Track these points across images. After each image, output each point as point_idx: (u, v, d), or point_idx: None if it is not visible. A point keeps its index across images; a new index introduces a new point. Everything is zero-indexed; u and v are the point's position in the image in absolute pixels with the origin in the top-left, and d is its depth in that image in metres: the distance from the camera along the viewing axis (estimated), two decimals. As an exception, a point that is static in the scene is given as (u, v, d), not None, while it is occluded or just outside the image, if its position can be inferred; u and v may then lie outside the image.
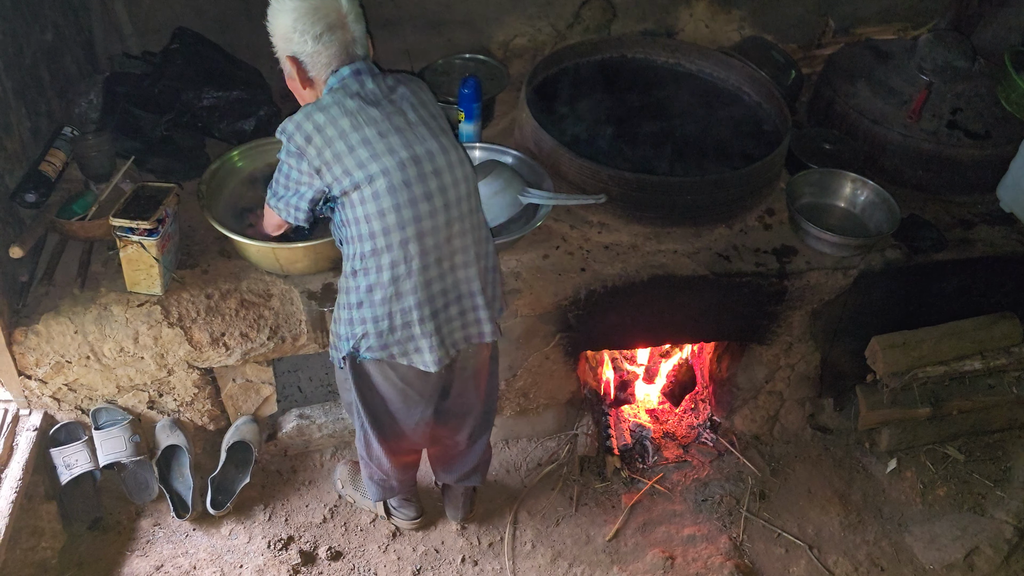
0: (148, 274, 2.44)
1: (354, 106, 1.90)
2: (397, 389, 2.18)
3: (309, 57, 1.93)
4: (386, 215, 1.91)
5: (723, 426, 3.18)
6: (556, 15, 3.44)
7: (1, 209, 2.42)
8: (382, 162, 1.88)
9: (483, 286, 2.10)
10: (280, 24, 1.92)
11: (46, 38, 2.74)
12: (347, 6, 1.92)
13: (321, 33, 1.89)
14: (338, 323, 2.12)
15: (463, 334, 2.12)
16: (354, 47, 1.96)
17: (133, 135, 2.80)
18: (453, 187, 1.98)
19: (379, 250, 1.94)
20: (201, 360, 2.57)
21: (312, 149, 1.89)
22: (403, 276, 1.97)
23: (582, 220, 2.83)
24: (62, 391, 2.56)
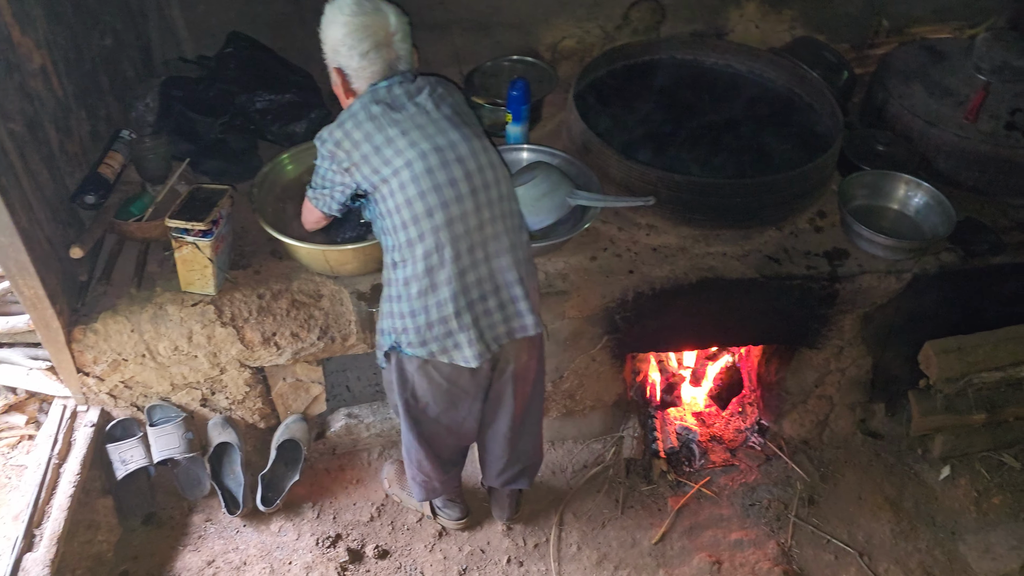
0: (202, 274, 2.48)
1: (378, 111, 2.01)
2: (441, 389, 2.18)
3: (354, 71, 2.06)
4: (413, 203, 1.97)
5: (771, 430, 3.14)
6: (605, 17, 3.43)
7: (62, 210, 2.48)
8: (404, 156, 1.98)
9: (520, 276, 2.11)
10: (331, 36, 2.05)
11: (105, 43, 2.80)
12: (395, 25, 2.04)
13: (368, 51, 2.01)
14: (381, 318, 2.18)
15: (505, 328, 2.12)
16: (397, 63, 2.08)
17: (188, 138, 2.85)
18: (479, 172, 2.03)
19: (412, 240, 2.00)
20: (253, 359, 2.61)
21: (341, 152, 2.03)
22: (436, 266, 2.00)
23: (630, 222, 2.82)
24: (118, 388, 2.62)
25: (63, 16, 2.51)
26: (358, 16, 1.99)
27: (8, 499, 2.73)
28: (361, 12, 1.99)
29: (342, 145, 2.01)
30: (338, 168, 2.05)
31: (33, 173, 2.31)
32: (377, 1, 2.03)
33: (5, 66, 2.20)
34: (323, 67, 3.05)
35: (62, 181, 2.51)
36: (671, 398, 3.22)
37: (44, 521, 2.36)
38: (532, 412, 2.44)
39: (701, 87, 3.23)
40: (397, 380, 2.19)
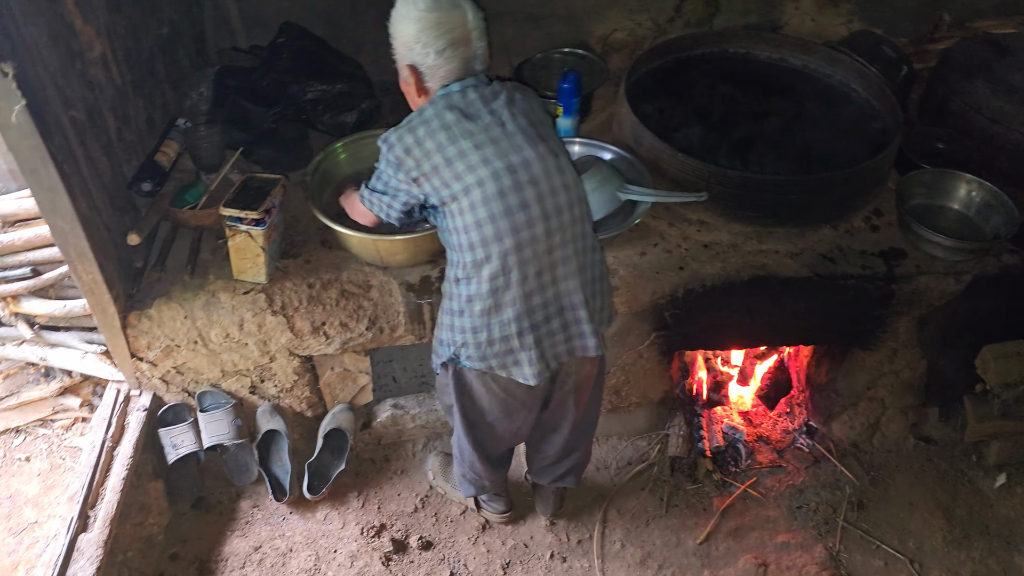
0: (254, 263, 2.50)
1: (452, 119, 1.90)
2: (498, 400, 2.16)
3: (428, 69, 1.94)
4: (483, 226, 1.89)
5: (820, 432, 3.09)
6: (657, 9, 3.39)
7: (119, 197, 2.52)
8: (477, 173, 1.87)
9: (586, 299, 2.03)
10: (403, 31, 1.92)
11: (163, 32, 2.83)
12: (473, 21, 1.91)
13: (444, 48, 1.90)
14: (440, 328, 2.12)
15: (566, 347, 2.07)
16: (473, 63, 1.96)
17: (242, 127, 2.88)
18: (551, 195, 1.93)
19: (479, 261, 1.93)
20: (302, 348, 2.63)
21: (410, 160, 1.91)
22: (502, 288, 1.94)
23: (681, 218, 2.79)
24: (170, 374, 2.66)
25: (123, 5, 2.54)
26: (434, 11, 1.87)
27: (62, 479, 2.80)
28: (437, 7, 1.88)
29: (412, 153, 1.90)
30: (405, 177, 1.93)
31: (92, 160, 2.34)
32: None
33: (68, 54, 2.23)
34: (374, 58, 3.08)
35: (119, 168, 2.55)
36: (718, 397, 3.18)
37: (98, 503, 2.40)
38: (589, 416, 2.42)
39: (754, 82, 3.17)
40: (455, 387, 2.16)
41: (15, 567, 2.57)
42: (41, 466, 2.83)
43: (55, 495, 2.75)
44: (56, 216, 2.18)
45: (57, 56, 2.17)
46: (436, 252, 2.62)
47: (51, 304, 2.64)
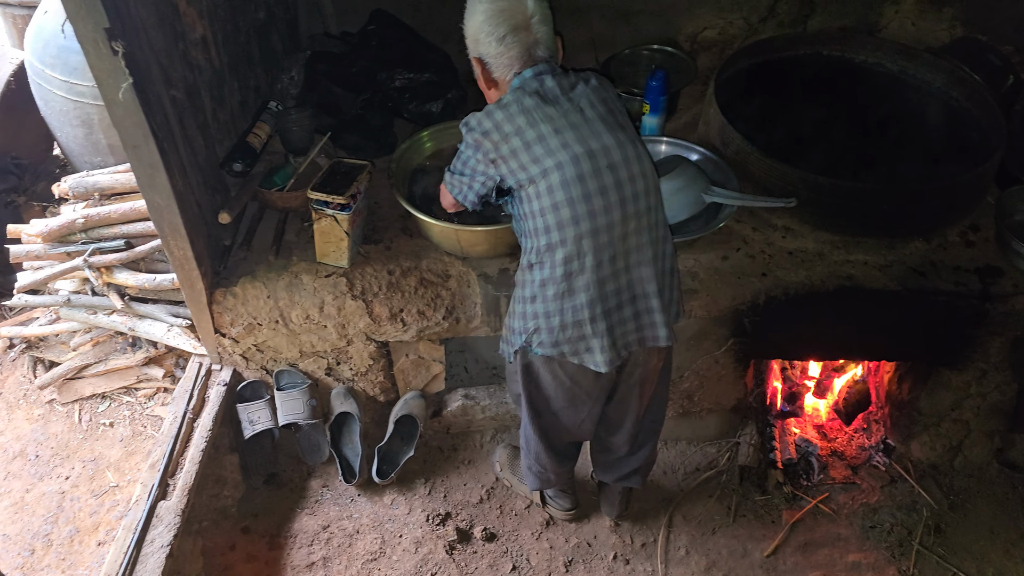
0: (338, 247, 2.54)
1: (531, 104, 1.92)
2: (565, 388, 2.16)
3: (493, 59, 1.99)
4: (560, 209, 1.90)
5: (898, 451, 2.99)
6: (750, 8, 3.32)
7: (211, 176, 2.57)
8: (556, 157, 1.89)
9: (660, 288, 2.03)
10: (471, 24, 1.99)
11: (259, 16, 2.89)
12: (533, 7, 1.94)
13: (504, 35, 1.93)
14: (512, 316, 2.13)
15: (637, 336, 2.06)
16: (536, 49, 1.97)
17: (330, 112, 2.92)
18: (630, 183, 1.94)
19: (553, 245, 1.94)
20: (379, 333, 2.66)
21: (488, 143, 1.94)
22: (576, 272, 1.95)
23: (766, 223, 2.73)
24: (251, 351, 2.71)
25: (225, -11, 2.60)
26: (496, 2, 1.92)
27: (143, 446, 2.89)
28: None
29: (490, 136, 1.93)
30: (483, 158, 1.97)
31: (189, 139, 2.40)
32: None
33: (172, 35, 2.29)
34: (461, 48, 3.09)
35: (213, 148, 2.61)
36: (793, 408, 3.11)
37: (178, 472, 2.47)
38: (654, 413, 2.40)
39: (849, 86, 3.08)
40: (523, 374, 2.18)
41: (96, 527, 2.66)
42: (123, 432, 2.93)
43: (135, 461, 2.85)
44: (153, 192, 2.24)
45: (162, 36, 2.23)
46: (515, 245, 2.59)
47: (142, 276, 2.72)
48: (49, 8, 2.89)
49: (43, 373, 3.01)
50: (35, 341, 3.02)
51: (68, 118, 2.94)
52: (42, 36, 2.89)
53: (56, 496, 2.75)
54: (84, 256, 2.69)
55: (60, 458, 2.86)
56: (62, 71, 2.84)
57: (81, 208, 2.76)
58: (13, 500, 2.74)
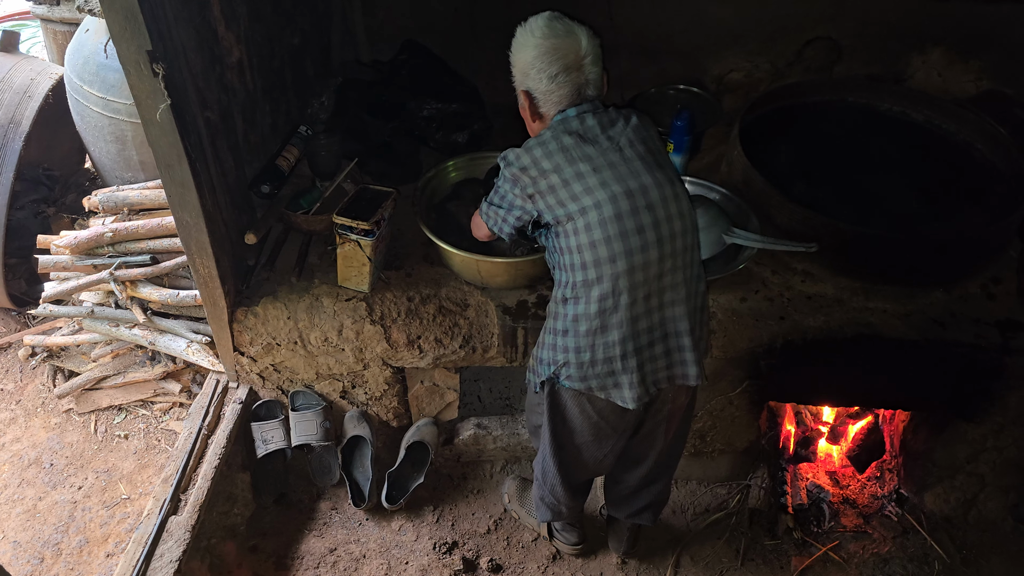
0: (359, 271, 2.57)
1: (570, 142, 1.94)
2: (591, 423, 2.16)
3: (542, 95, 2.01)
4: (597, 247, 1.92)
5: (911, 501, 2.97)
6: (777, 53, 3.35)
7: (239, 196, 2.62)
8: (594, 196, 1.91)
9: (692, 326, 2.04)
10: (521, 58, 2.01)
11: (294, 42, 2.95)
12: (586, 48, 1.96)
13: (556, 74, 1.96)
14: (541, 347, 2.14)
15: (667, 374, 2.07)
16: (586, 88, 2.00)
17: (358, 138, 2.97)
18: (667, 222, 1.95)
19: (589, 282, 1.95)
20: (395, 359, 2.67)
21: (526, 178, 1.96)
22: (610, 310, 1.95)
23: (785, 266, 2.73)
24: (268, 370, 2.74)
25: (263, 15, 2.65)
26: (549, 39, 1.94)
27: (155, 460, 2.91)
28: (552, 35, 1.95)
29: (528, 171, 1.95)
30: (520, 193, 1.98)
31: (220, 159, 2.45)
32: (570, 23, 1.99)
33: (210, 58, 2.34)
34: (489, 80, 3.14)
35: (243, 169, 2.65)
36: (806, 452, 3.09)
37: (190, 487, 2.49)
38: (674, 451, 2.40)
39: (873, 133, 3.09)
40: (548, 406, 2.18)
41: (106, 539, 2.68)
42: (138, 445, 2.96)
43: (148, 474, 2.87)
44: (183, 210, 2.28)
45: (200, 60, 2.28)
46: (535, 277, 2.65)
47: (165, 292, 2.76)
48: (91, 27, 2.96)
49: (62, 382, 3.05)
50: (57, 350, 3.06)
51: (102, 133, 3.00)
52: (82, 53, 2.96)
53: (68, 505, 2.77)
54: (110, 269, 2.73)
55: (74, 468, 2.88)
56: (100, 88, 2.90)
57: (110, 222, 2.81)
58: (26, 507, 2.77)
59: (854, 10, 3.15)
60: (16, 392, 3.12)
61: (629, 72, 3.35)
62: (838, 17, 3.21)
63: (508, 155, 2.01)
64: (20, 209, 3.21)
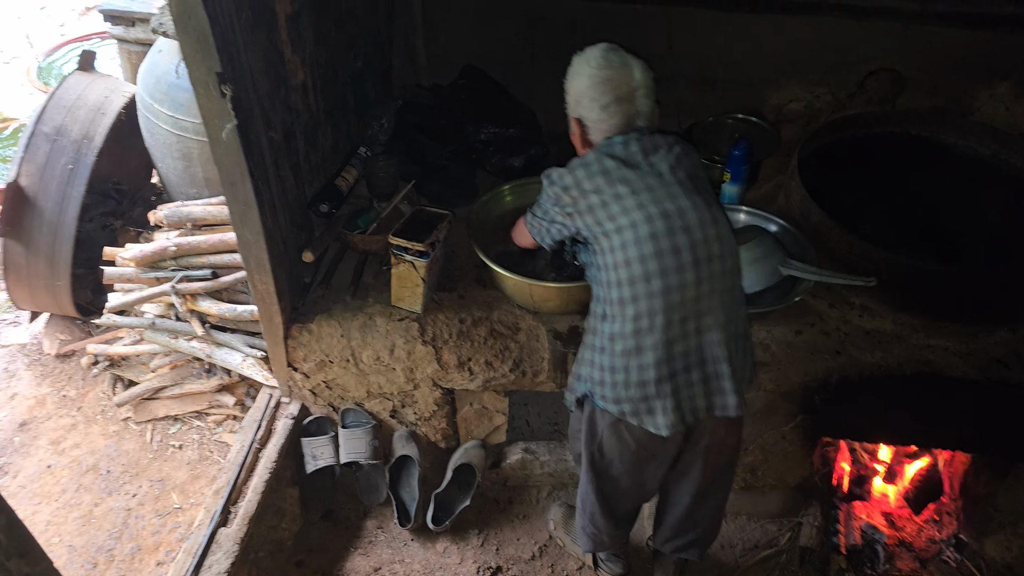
0: (413, 292, 2.59)
1: (612, 165, 1.98)
2: (630, 450, 2.13)
3: (592, 123, 2.07)
4: (631, 266, 1.93)
5: (970, 547, 2.86)
6: (838, 83, 3.31)
7: (298, 215, 2.67)
8: (631, 216, 1.94)
9: (730, 353, 2.00)
10: (575, 86, 2.07)
11: (356, 65, 3.01)
12: (640, 80, 2.02)
13: (608, 104, 2.01)
14: (579, 364, 2.15)
15: (705, 403, 2.03)
16: (637, 119, 2.05)
17: (416, 160, 3.01)
18: (704, 244, 1.95)
19: (625, 300, 1.96)
20: (446, 380, 2.69)
21: (567, 197, 2.02)
22: (645, 330, 1.95)
23: (843, 300, 2.68)
24: (320, 387, 2.77)
25: (327, 38, 2.71)
26: (604, 69, 2.00)
27: (207, 471, 2.96)
28: (607, 66, 2.00)
29: (570, 191, 2.00)
30: (560, 210, 2.04)
31: (281, 179, 2.50)
32: (625, 55, 2.03)
33: (275, 80, 2.40)
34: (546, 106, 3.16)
35: (302, 188, 2.70)
36: (860, 491, 3.01)
37: (240, 500, 2.52)
38: (719, 486, 2.33)
39: (936, 167, 3.03)
40: (586, 431, 2.17)
41: (157, 547, 2.73)
42: (191, 455, 3.01)
43: (199, 485, 2.92)
44: (245, 228, 2.34)
45: (266, 81, 2.34)
46: (586, 303, 2.61)
47: (223, 306, 2.82)
48: (163, 48, 3.06)
49: (122, 391, 3.13)
50: (118, 360, 3.15)
51: (170, 150, 3.09)
52: (154, 73, 3.06)
53: (122, 512, 2.84)
54: (172, 282, 2.80)
55: (129, 475, 2.95)
56: (169, 107, 3.00)
57: (174, 236, 2.89)
58: (82, 512, 2.83)
59: (918, 41, 3.10)
60: (78, 399, 3.21)
61: (686, 100, 3.34)
62: (902, 48, 3.16)
63: (551, 174, 2.07)
64: (89, 221, 3.31)
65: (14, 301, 3.23)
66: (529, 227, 2.23)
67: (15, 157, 3.00)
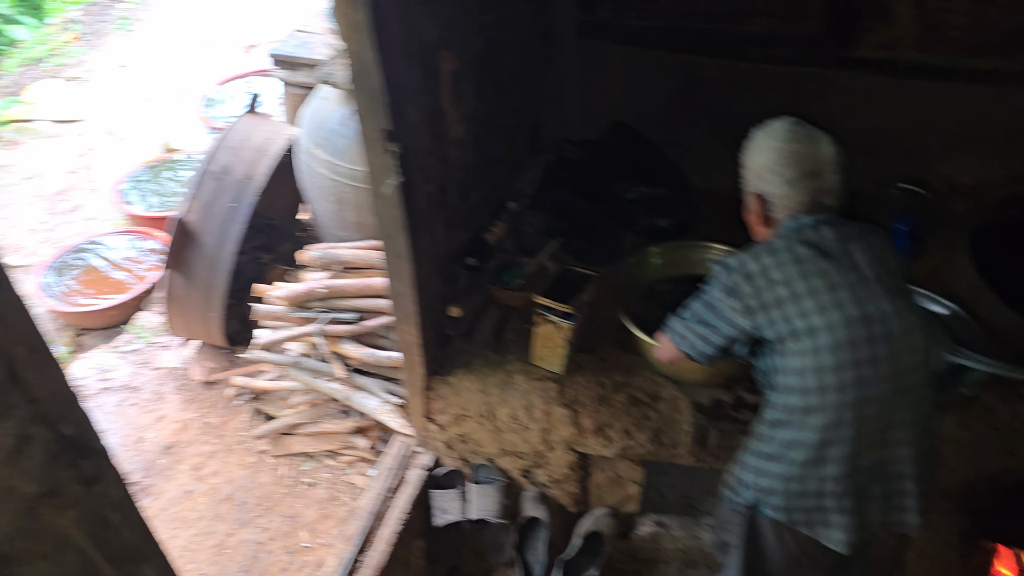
0: (555, 353, 2.56)
1: (806, 254, 1.81)
2: (790, 556, 1.97)
3: (776, 199, 1.91)
4: (824, 374, 1.77)
5: None
6: (1015, 155, 3.09)
7: (446, 267, 2.68)
8: (828, 316, 1.76)
9: (919, 471, 1.84)
10: (756, 160, 1.93)
11: (508, 119, 3.03)
12: (831, 155, 1.87)
13: (795, 179, 1.86)
14: (743, 468, 1.99)
15: (881, 518, 1.87)
16: (825, 198, 1.89)
17: (563, 217, 2.99)
18: (906, 355, 1.78)
19: (811, 409, 1.80)
20: (581, 445, 2.63)
21: (749, 288, 1.83)
22: (831, 442, 1.79)
23: (1018, 395, 2.47)
24: (454, 440, 2.76)
25: (486, 94, 2.74)
26: (791, 143, 1.87)
27: (336, 512, 2.99)
28: (795, 139, 1.87)
29: (754, 280, 1.82)
30: (738, 304, 1.84)
31: (433, 231, 2.52)
32: (812, 129, 1.90)
33: (435, 135, 2.44)
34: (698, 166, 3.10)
35: (451, 241, 2.72)
36: (1024, 604, 2.75)
37: (369, 549, 2.53)
38: None
39: None
40: (744, 531, 2.01)
41: (284, 585, 2.77)
42: (321, 495, 3.06)
43: (328, 525, 2.95)
44: (397, 279, 2.37)
45: (428, 136, 2.38)
46: (732, 377, 2.54)
47: (365, 351, 2.87)
48: (327, 95, 3.18)
49: (261, 423, 3.22)
50: (260, 393, 3.24)
51: (325, 194, 3.19)
52: (316, 118, 3.18)
53: (253, 546, 2.90)
54: (320, 324, 2.87)
55: (263, 509, 3.01)
56: (328, 151, 3.10)
57: (325, 279, 2.97)
58: (216, 541, 2.91)
59: (1110, 115, 2.87)
60: (219, 426, 3.32)
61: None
62: (1091, 122, 2.93)
63: (729, 261, 1.90)
64: (241, 254, 3.45)
65: (171, 328, 3.39)
66: (676, 338, 2.02)
67: (185, 194, 3.17)
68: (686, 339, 2.01)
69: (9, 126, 5.61)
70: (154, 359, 3.67)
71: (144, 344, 3.75)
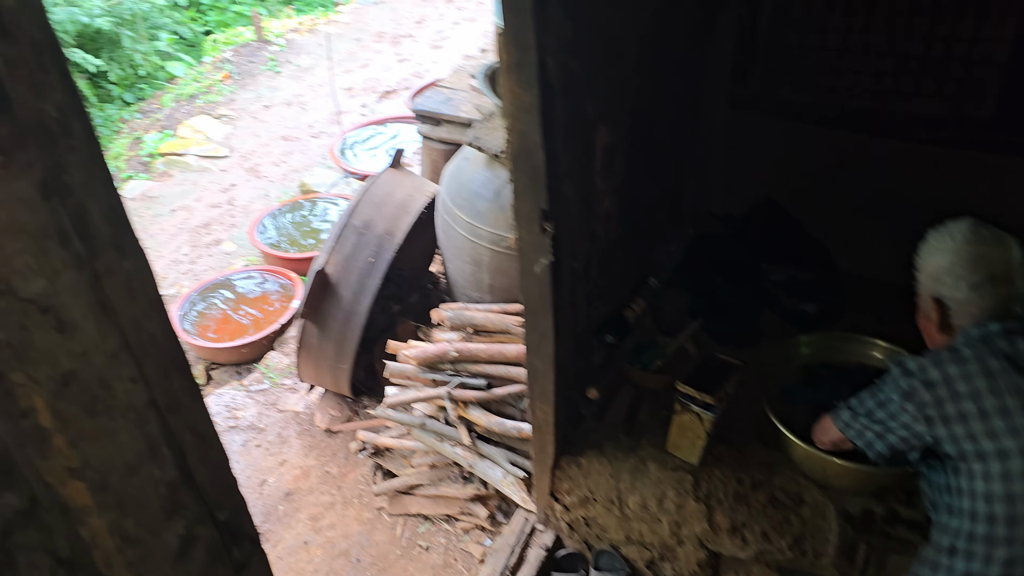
0: (693, 443, 2.44)
1: (998, 368, 1.65)
2: None
3: (957, 304, 1.78)
4: (1016, 503, 1.60)
5: None
6: None
7: (583, 344, 2.61)
8: (1021, 440, 1.60)
9: None
10: (933, 262, 1.81)
11: (653, 193, 2.95)
12: (1019, 259, 1.73)
13: (980, 283, 1.73)
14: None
15: None
16: (1015, 305, 1.74)
17: (704, 296, 2.88)
18: None
19: (995, 540, 1.63)
20: (714, 543, 2.48)
21: (928, 396, 1.70)
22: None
23: None
24: (578, 522, 2.66)
25: (634, 167, 2.68)
26: (974, 245, 1.74)
27: (448, 578, 2.93)
28: (978, 241, 1.75)
29: (935, 389, 1.69)
30: (915, 410, 1.73)
31: (575, 307, 2.46)
32: (997, 231, 1.77)
33: (585, 210, 2.38)
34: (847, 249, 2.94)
35: (590, 315, 2.65)
36: None
37: (485, 630, 2.46)
38: None
39: None
40: None
41: (395, 653, 2.72)
42: (436, 559, 3.01)
43: (438, 592, 2.90)
44: (537, 357, 2.31)
45: (578, 213, 2.33)
46: (886, 488, 2.35)
47: (492, 419, 2.82)
48: (470, 157, 3.19)
49: (380, 480, 3.20)
50: (382, 449, 3.24)
51: (461, 254, 3.19)
52: (458, 179, 3.19)
53: (366, 606, 2.87)
54: (449, 387, 2.84)
55: (377, 569, 2.98)
56: (468, 213, 3.10)
57: (456, 340, 2.94)
58: (329, 598, 2.90)
59: None
60: (339, 477, 3.33)
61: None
62: None
63: (908, 363, 1.76)
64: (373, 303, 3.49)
65: (300, 375, 3.44)
66: (844, 427, 1.93)
67: (325, 246, 3.23)
68: (855, 430, 1.91)
69: (162, 159, 5.93)
70: (280, 401, 3.74)
71: (270, 385, 3.83)
